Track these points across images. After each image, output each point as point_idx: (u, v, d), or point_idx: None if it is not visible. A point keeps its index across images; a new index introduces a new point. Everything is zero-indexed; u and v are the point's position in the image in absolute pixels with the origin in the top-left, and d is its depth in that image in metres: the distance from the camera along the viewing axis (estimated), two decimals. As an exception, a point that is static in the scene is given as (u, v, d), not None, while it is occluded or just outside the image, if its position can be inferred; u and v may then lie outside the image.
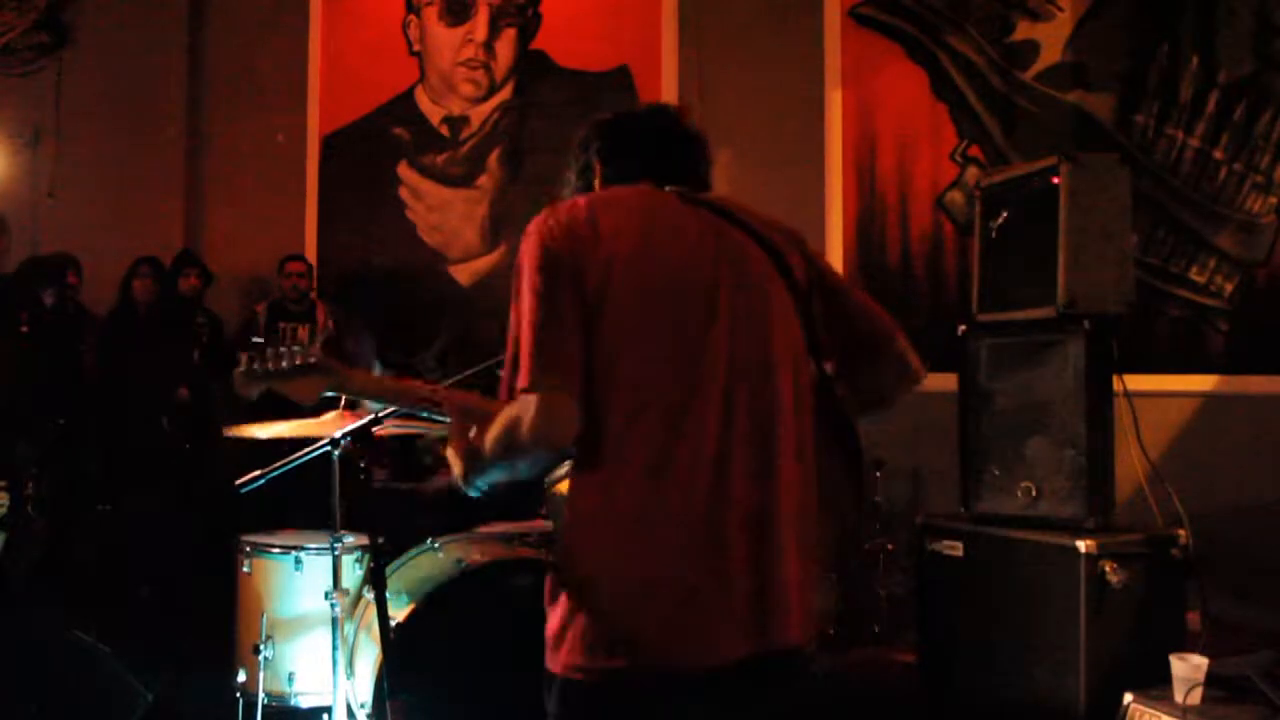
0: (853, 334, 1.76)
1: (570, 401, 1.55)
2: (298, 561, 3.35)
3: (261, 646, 3.27)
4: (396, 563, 3.34)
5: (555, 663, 1.58)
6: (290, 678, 3.32)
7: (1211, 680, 2.60)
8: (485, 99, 5.77)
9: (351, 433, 2.60)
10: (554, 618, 1.59)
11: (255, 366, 1.89)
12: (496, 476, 1.66)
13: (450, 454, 1.73)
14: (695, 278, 1.62)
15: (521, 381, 1.55)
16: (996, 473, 3.23)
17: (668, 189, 1.72)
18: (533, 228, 1.65)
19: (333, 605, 2.89)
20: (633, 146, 1.80)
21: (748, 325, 1.62)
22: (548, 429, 1.54)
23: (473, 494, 1.70)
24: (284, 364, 1.88)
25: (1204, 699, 2.57)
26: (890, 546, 4.29)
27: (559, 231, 1.62)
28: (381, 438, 2.87)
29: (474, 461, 1.65)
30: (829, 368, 1.77)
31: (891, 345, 1.77)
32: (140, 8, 6.15)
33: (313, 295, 5.70)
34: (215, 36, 6.18)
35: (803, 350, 1.69)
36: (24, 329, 5.09)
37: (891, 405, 1.81)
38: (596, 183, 1.81)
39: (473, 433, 1.67)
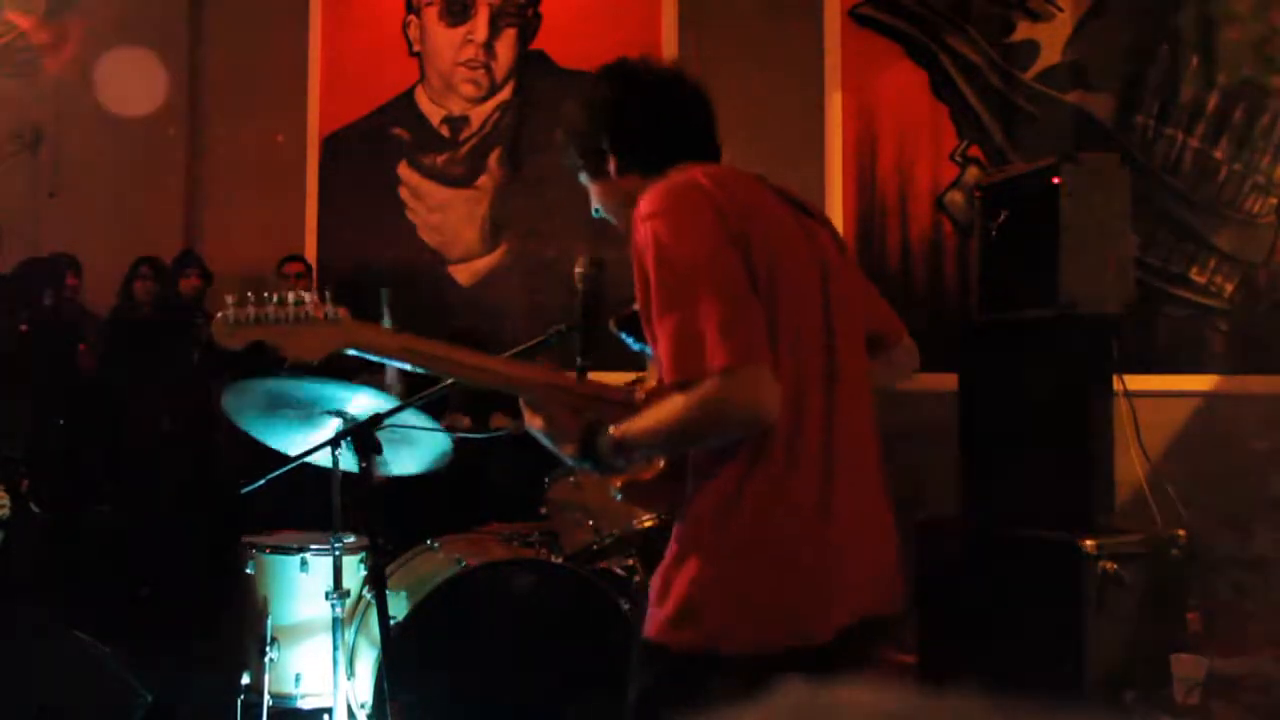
0: (876, 324, 1.81)
1: (772, 374, 1.50)
2: (303, 563, 3.35)
3: (268, 647, 3.27)
4: (396, 563, 3.34)
5: (681, 636, 1.56)
6: (297, 679, 3.33)
7: (1211, 680, 2.60)
8: (485, 99, 5.77)
9: (351, 433, 2.60)
10: (682, 591, 1.56)
11: (246, 313, 1.60)
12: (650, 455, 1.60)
13: (554, 435, 1.61)
14: (807, 259, 1.64)
15: (719, 359, 1.45)
16: (996, 473, 3.23)
17: (752, 174, 1.73)
18: (666, 200, 1.56)
19: (333, 605, 2.89)
20: (648, 131, 1.73)
21: (839, 306, 1.66)
22: (762, 406, 1.48)
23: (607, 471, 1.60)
24: (282, 313, 1.60)
25: (1204, 699, 2.57)
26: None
27: (704, 200, 1.55)
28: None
29: (622, 448, 1.56)
30: None
31: (902, 338, 1.84)
32: (140, 8, 6.15)
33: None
34: (215, 36, 6.18)
35: (864, 332, 1.74)
36: (23, 329, 5.09)
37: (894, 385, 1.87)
38: (610, 167, 1.74)
39: (613, 427, 1.56)
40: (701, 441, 1.55)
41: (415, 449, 2.97)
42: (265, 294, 1.61)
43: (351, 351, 1.65)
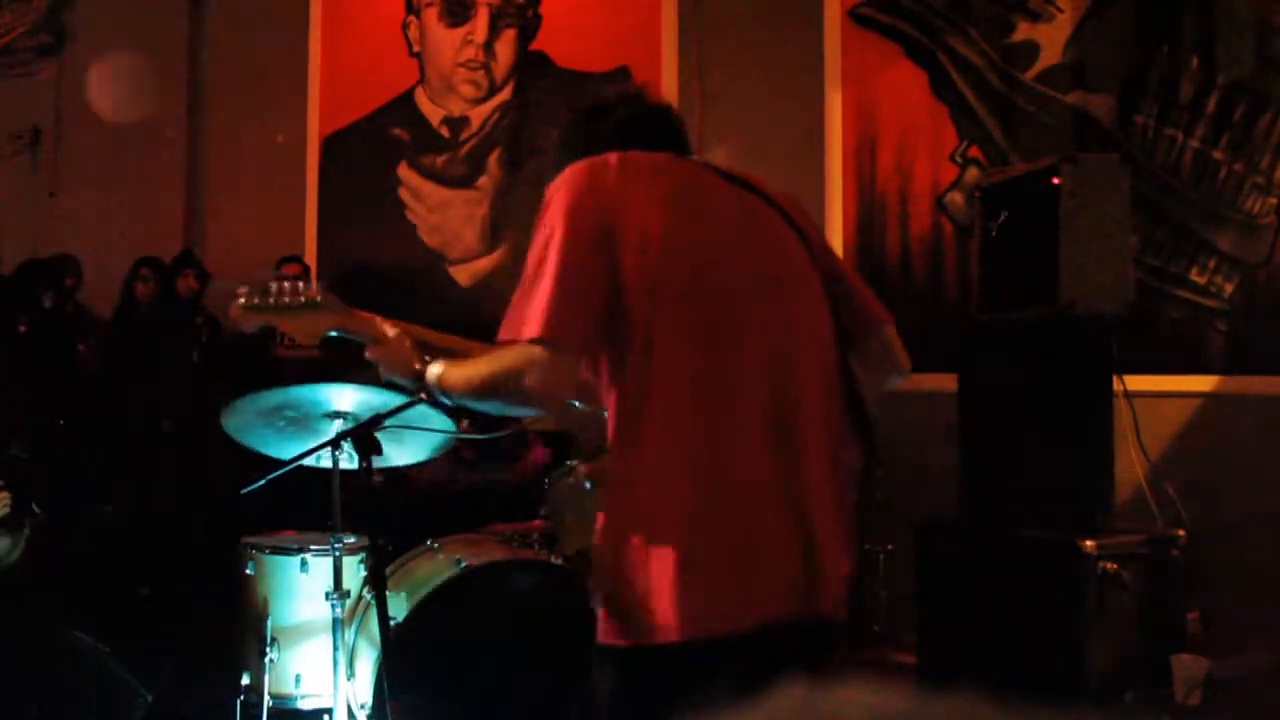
0: (854, 314, 1.76)
1: (576, 366, 1.56)
2: (303, 563, 3.35)
3: (267, 648, 3.27)
4: (396, 563, 3.34)
5: (617, 634, 1.57)
6: (297, 679, 3.32)
7: (1211, 680, 2.60)
8: (485, 100, 5.77)
9: (351, 433, 2.60)
10: (612, 590, 1.57)
11: (257, 300, 1.89)
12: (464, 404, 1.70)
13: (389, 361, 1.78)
14: (736, 249, 1.62)
15: (532, 330, 1.52)
16: (996, 473, 3.23)
17: (698, 161, 1.72)
18: (567, 175, 1.61)
19: (333, 606, 2.89)
20: (616, 135, 1.75)
21: (785, 301, 1.63)
22: (552, 388, 1.55)
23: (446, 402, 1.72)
24: (287, 299, 1.87)
25: (1204, 699, 2.57)
26: (890, 547, 4.29)
27: (594, 186, 1.58)
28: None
29: (441, 388, 1.68)
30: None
31: (879, 330, 1.79)
32: (140, 8, 6.15)
33: (312, 295, 5.69)
34: (215, 37, 6.18)
35: (830, 326, 1.70)
36: (22, 329, 5.10)
37: (880, 382, 1.81)
38: None
39: (420, 361, 1.72)
40: (495, 399, 1.63)
41: (418, 437, 2.97)
42: (270, 282, 1.88)
43: (334, 333, 1.92)
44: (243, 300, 1.89)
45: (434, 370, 1.71)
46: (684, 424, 1.54)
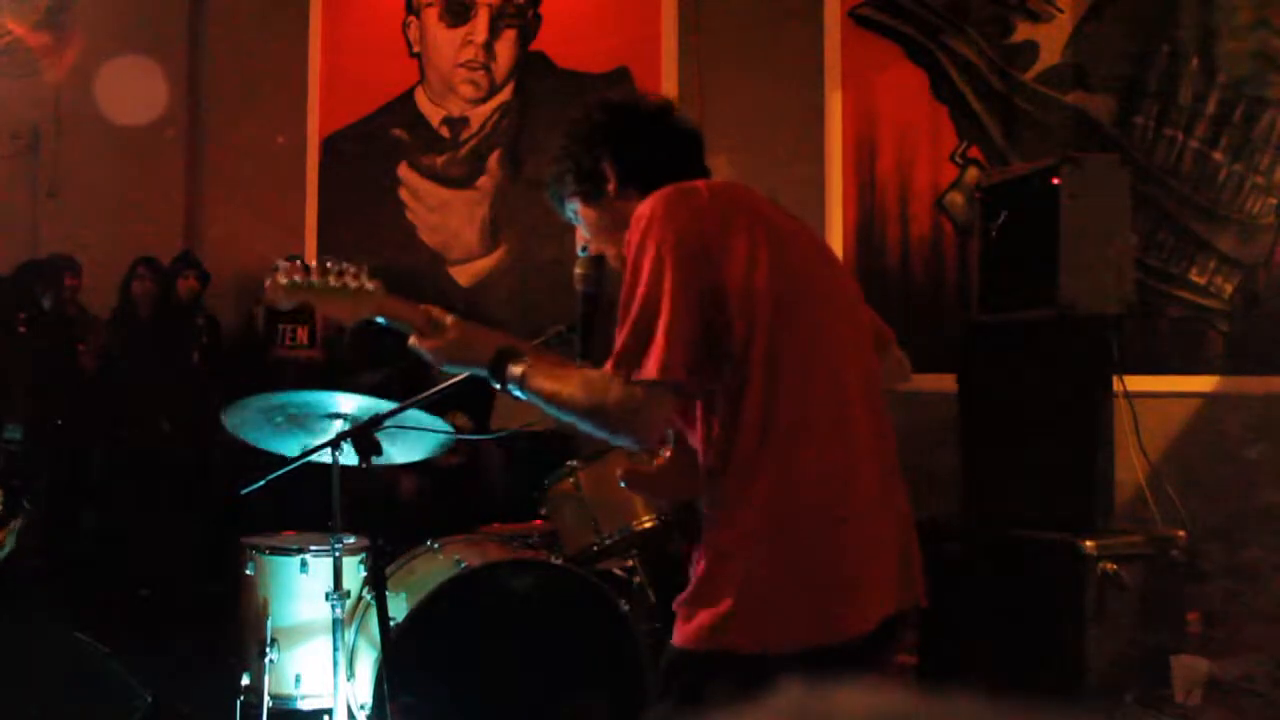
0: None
1: (672, 405, 1.58)
2: (303, 564, 3.35)
3: (268, 649, 3.27)
4: (396, 564, 3.34)
5: (712, 640, 1.57)
6: (297, 680, 3.32)
7: (1211, 680, 2.60)
8: (485, 100, 5.77)
9: (351, 434, 2.60)
10: (710, 598, 1.58)
11: (298, 279, 1.76)
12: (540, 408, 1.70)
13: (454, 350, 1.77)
14: (817, 274, 1.69)
15: (649, 372, 1.52)
16: (996, 473, 3.23)
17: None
18: (662, 205, 1.60)
19: (333, 607, 2.89)
20: (649, 150, 1.77)
21: (856, 328, 1.72)
22: (643, 430, 1.57)
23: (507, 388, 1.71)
24: (331, 280, 1.77)
25: (1204, 699, 2.57)
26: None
27: (695, 215, 1.59)
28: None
29: (528, 391, 1.68)
30: None
31: (891, 346, 1.89)
32: (140, 8, 6.15)
33: (312, 297, 5.69)
34: (215, 37, 6.18)
35: (870, 338, 1.79)
36: (21, 330, 5.09)
37: None
38: (610, 187, 1.78)
39: (527, 362, 1.70)
40: (582, 421, 1.63)
41: (417, 437, 2.97)
42: (318, 261, 1.78)
43: (380, 320, 1.84)
44: (283, 278, 1.76)
45: (519, 368, 1.69)
46: (793, 446, 1.57)
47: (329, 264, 1.78)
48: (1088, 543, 2.84)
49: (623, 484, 1.81)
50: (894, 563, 1.65)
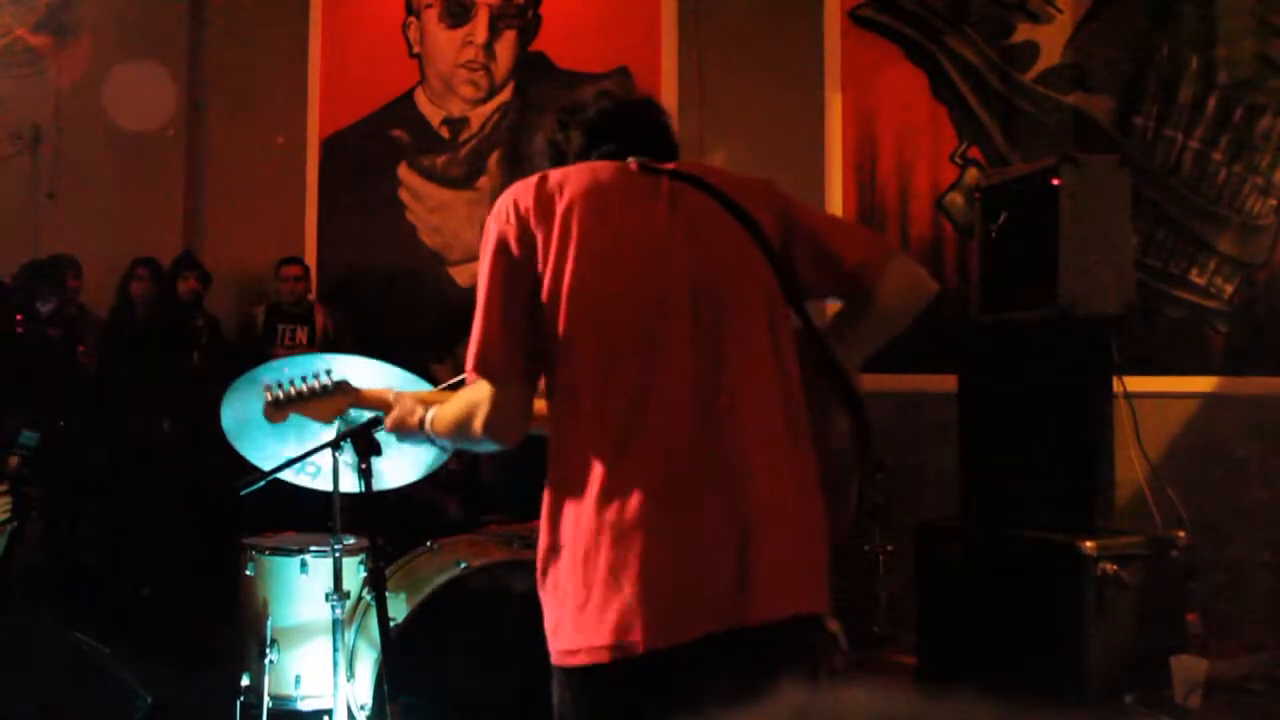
0: (841, 269, 1.70)
1: (519, 395, 1.60)
2: (303, 564, 3.35)
3: (268, 649, 3.27)
4: (396, 564, 3.34)
5: (554, 654, 1.57)
6: (297, 680, 3.32)
7: (1211, 681, 2.60)
8: (485, 101, 5.77)
9: (351, 434, 2.59)
10: (548, 608, 1.58)
11: (281, 395, 2.15)
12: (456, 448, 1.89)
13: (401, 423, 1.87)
14: (653, 249, 1.59)
15: (468, 365, 1.61)
16: (996, 473, 3.23)
17: (630, 160, 1.67)
18: (495, 207, 1.66)
19: (333, 607, 2.89)
20: (585, 131, 1.77)
21: (712, 295, 1.58)
22: (501, 421, 1.62)
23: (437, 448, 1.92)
24: (306, 390, 2.14)
25: (1203, 699, 2.57)
26: (890, 548, 4.29)
27: (510, 210, 1.63)
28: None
29: (429, 437, 1.79)
30: (830, 314, 1.77)
31: (887, 264, 1.70)
32: (141, 8, 6.15)
33: (311, 298, 5.70)
34: (215, 37, 6.18)
35: (780, 309, 1.64)
36: (20, 330, 5.09)
37: (905, 323, 1.73)
38: None
39: (421, 412, 1.81)
40: (463, 439, 1.72)
41: (414, 454, 2.97)
42: (292, 381, 2.21)
43: (353, 411, 2.23)
44: (270, 398, 2.15)
45: (427, 417, 1.79)
46: (598, 438, 1.53)
47: (304, 379, 2.17)
48: (1088, 543, 2.84)
49: None
50: (721, 572, 1.50)
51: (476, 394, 1.62)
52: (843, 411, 1.69)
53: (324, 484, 2.78)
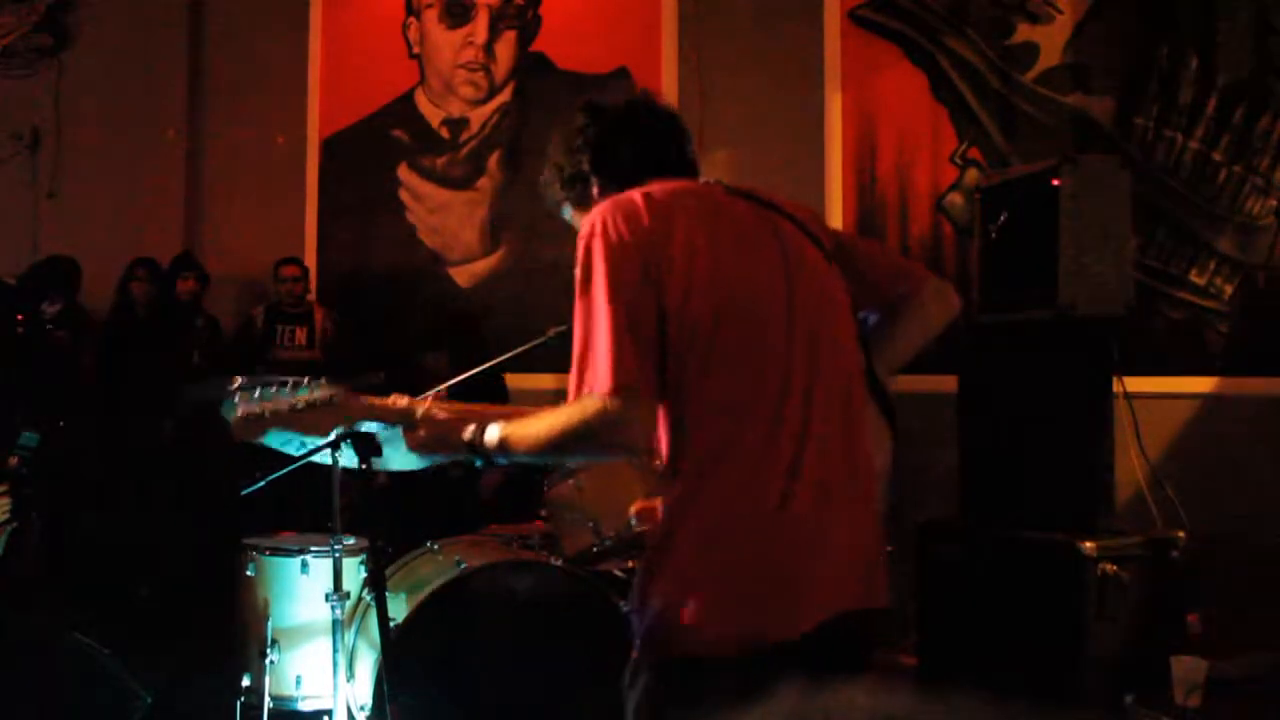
0: (884, 294, 1.85)
1: (653, 410, 1.57)
2: (304, 565, 3.35)
3: (268, 649, 3.27)
4: (396, 565, 3.34)
5: (661, 648, 1.57)
6: (297, 681, 3.32)
7: (1211, 681, 2.60)
8: (485, 101, 5.77)
9: (350, 434, 2.59)
10: (658, 606, 1.58)
11: (254, 411, 1.71)
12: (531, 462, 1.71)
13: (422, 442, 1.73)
14: (771, 278, 1.64)
15: (604, 385, 1.52)
16: (996, 474, 3.23)
17: (708, 182, 1.73)
18: (598, 222, 1.60)
19: (333, 608, 2.89)
20: (625, 150, 1.77)
21: (819, 317, 1.66)
22: (634, 436, 1.55)
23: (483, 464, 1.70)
24: (285, 406, 1.72)
25: (1204, 699, 2.57)
26: (890, 547, 4.28)
27: (629, 227, 1.58)
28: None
29: (499, 451, 1.64)
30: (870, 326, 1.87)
31: (923, 289, 1.87)
32: (140, 9, 6.15)
33: (310, 298, 5.70)
34: (215, 37, 6.18)
35: (855, 328, 1.76)
36: (20, 331, 5.09)
37: (934, 338, 1.91)
38: (594, 191, 1.78)
39: (471, 430, 1.67)
40: (572, 454, 1.68)
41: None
42: (266, 383, 1.73)
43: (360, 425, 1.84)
44: (239, 414, 1.71)
45: (494, 433, 1.64)
46: (726, 448, 1.56)
47: (282, 385, 1.73)
48: (1088, 543, 2.84)
49: (633, 523, 1.83)
50: (846, 564, 1.62)
51: (596, 407, 1.53)
52: (881, 420, 1.79)
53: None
